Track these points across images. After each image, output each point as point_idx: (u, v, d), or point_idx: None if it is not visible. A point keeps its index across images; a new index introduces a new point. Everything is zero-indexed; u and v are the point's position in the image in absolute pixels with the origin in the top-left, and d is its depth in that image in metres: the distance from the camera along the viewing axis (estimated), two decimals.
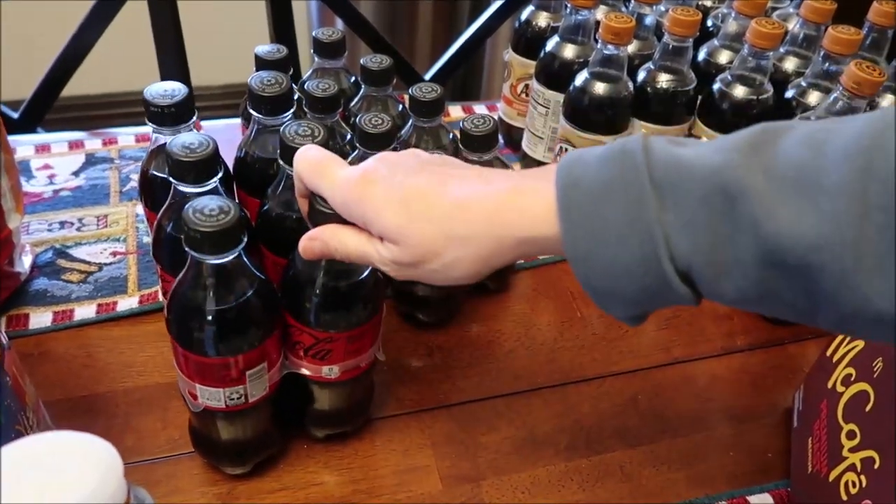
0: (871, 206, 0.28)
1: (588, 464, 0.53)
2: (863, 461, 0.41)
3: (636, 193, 0.31)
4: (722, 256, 0.31)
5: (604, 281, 0.33)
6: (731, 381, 0.60)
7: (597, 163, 0.33)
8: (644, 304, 0.34)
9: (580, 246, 0.32)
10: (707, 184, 0.30)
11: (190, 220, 0.37)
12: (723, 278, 0.31)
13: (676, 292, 0.32)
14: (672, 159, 0.31)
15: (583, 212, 0.32)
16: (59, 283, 0.62)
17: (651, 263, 0.31)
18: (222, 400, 0.43)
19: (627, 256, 0.31)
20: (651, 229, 0.31)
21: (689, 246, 0.31)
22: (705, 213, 0.30)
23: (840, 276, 0.28)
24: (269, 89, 0.48)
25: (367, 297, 0.44)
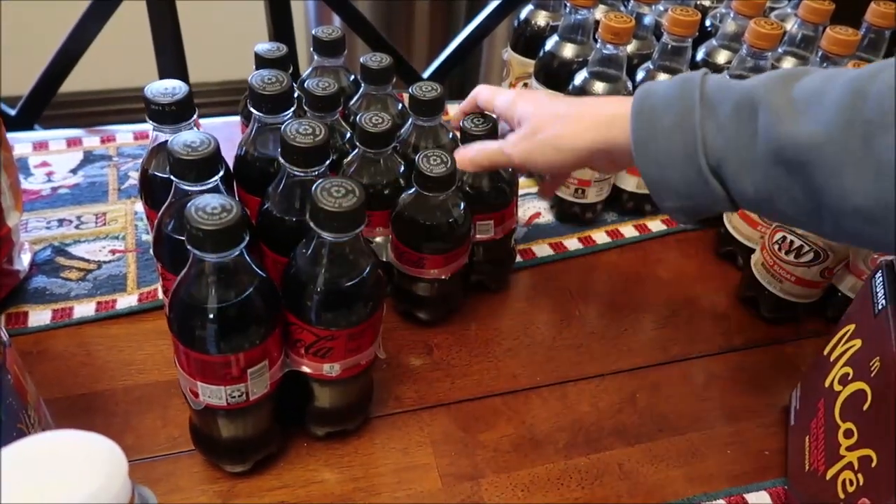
0: (857, 119, 0.36)
1: (587, 462, 0.53)
2: (860, 460, 0.41)
3: (688, 103, 0.41)
4: (744, 154, 0.39)
5: (656, 170, 0.43)
6: (729, 380, 0.60)
7: (665, 84, 0.44)
8: (685, 196, 0.43)
9: (640, 138, 0.43)
10: (740, 98, 0.40)
11: (192, 219, 0.37)
12: (743, 174, 0.40)
13: (710, 185, 0.41)
14: (720, 82, 0.42)
15: (647, 116, 0.43)
16: (59, 280, 0.62)
17: (691, 156, 0.41)
18: (223, 398, 0.43)
19: (674, 149, 0.41)
20: (694, 130, 0.41)
21: (721, 144, 0.40)
22: (735, 119, 0.40)
23: (828, 171, 0.36)
24: (269, 88, 0.48)
25: (368, 294, 0.44)
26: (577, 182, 0.69)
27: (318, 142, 0.44)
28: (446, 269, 0.56)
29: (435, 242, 0.55)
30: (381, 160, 0.55)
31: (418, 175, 0.52)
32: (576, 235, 0.71)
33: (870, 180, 0.35)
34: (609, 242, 0.71)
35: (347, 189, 0.41)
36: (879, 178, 0.35)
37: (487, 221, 0.59)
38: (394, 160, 0.56)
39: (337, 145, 0.56)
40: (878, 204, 0.35)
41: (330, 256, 0.42)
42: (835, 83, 0.37)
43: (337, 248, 0.42)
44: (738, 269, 0.69)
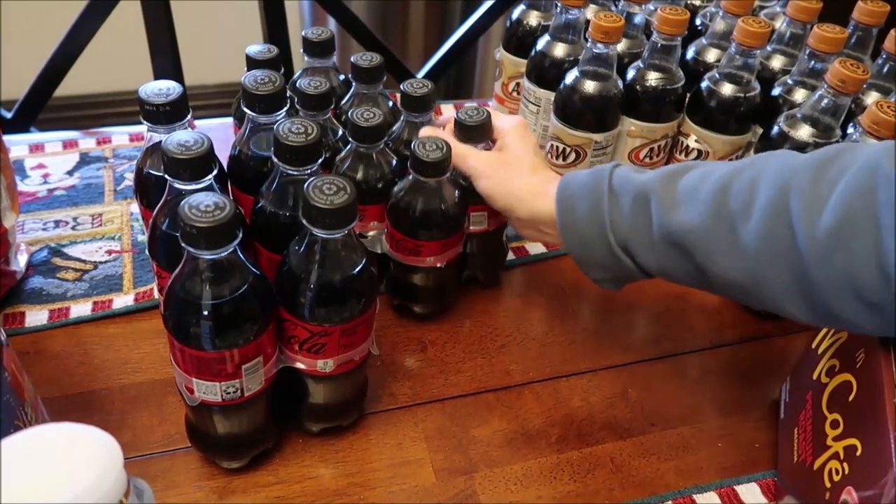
0: (723, 210, 0.43)
1: (579, 455, 0.54)
2: (845, 449, 0.42)
3: (598, 194, 0.49)
4: (643, 236, 0.47)
5: (580, 249, 0.51)
6: (719, 375, 0.61)
7: (581, 175, 0.51)
8: (608, 269, 0.50)
9: (565, 224, 0.51)
10: (637, 191, 0.48)
11: (186, 216, 0.38)
12: (645, 252, 0.48)
13: (623, 261, 0.49)
14: (624, 175, 0.49)
15: (566, 205, 0.51)
16: (55, 281, 0.62)
17: (604, 238, 0.49)
18: (219, 394, 0.44)
19: (590, 231, 0.49)
20: (603, 217, 0.49)
21: (625, 228, 0.48)
22: (633, 208, 0.48)
23: (705, 252, 0.44)
24: (262, 88, 0.49)
25: (360, 291, 0.45)
26: None
27: (311, 141, 0.44)
28: (442, 256, 0.57)
29: (431, 229, 0.55)
30: (374, 155, 0.55)
31: (414, 161, 0.53)
32: None
33: (738, 259, 0.43)
34: None
35: (339, 186, 0.41)
36: (744, 258, 0.43)
37: (481, 213, 0.59)
38: (386, 155, 0.57)
39: (329, 143, 0.57)
40: (748, 279, 0.43)
41: (322, 253, 0.43)
42: (709, 179, 0.45)
43: (329, 244, 0.43)
44: None
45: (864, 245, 0.37)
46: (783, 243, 0.41)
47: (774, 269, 0.42)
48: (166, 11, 0.89)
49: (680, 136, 0.70)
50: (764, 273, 0.42)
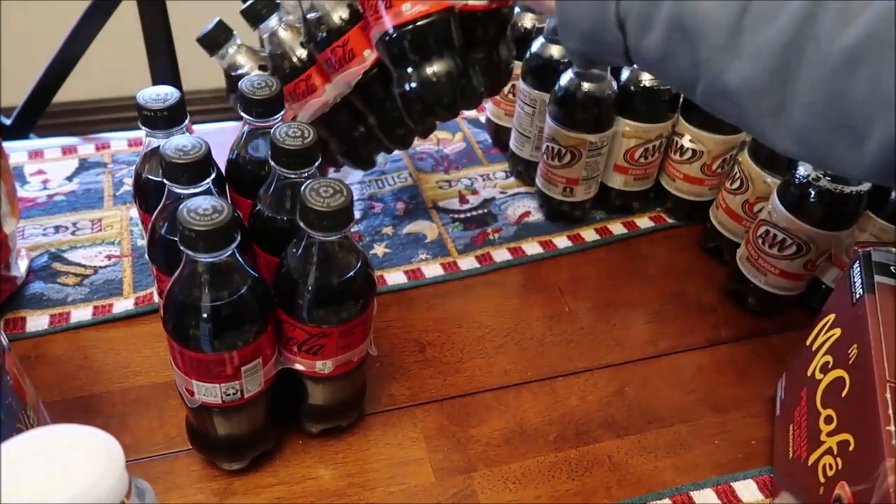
0: (751, 7, 0.39)
1: (577, 454, 0.54)
2: (839, 444, 0.42)
3: None
4: (650, 12, 0.42)
5: (570, 7, 0.45)
6: (716, 372, 0.62)
7: None
8: (591, 42, 0.46)
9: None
10: None
11: (184, 220, 0.38)
12: (644, 30, 0.42)
13: (613, 35, 0.44)
14: None
15: None
16: (55, 286, 0.63)
17: (604, 3, 0.43)
18: (218, 396, 0.44)
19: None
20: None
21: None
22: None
23: (713, 46, 0.40)
24: (259, 92, 0.49)
25: (358, 292, 0.45)
26: (565, 180, 0.71)
27: (307, 144, 0.45)
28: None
29: None
30: None
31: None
32: (565, 233, 0.73)
33: (744, 64, 0.39)
34: (598, 240, 0.73)
35: (335, 189, 0.42)
36: (753, 62, 0.39)
37: None
38: None
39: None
40: (745, 85, 0.40)
41: (320, 255, 0.43)
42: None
43: (326, 246, 0.43)
44: (724, 263, 0.70)
45: (876, 69, 0.35)
46: (802, 51, 0.37)
47: (782, 77, 0.38)
48: (163, 16, 0.90)
49: (674, 135, 0.71)
50: (769, 81, 0.39)
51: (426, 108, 0.54)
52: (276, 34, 0.60)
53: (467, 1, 0.53)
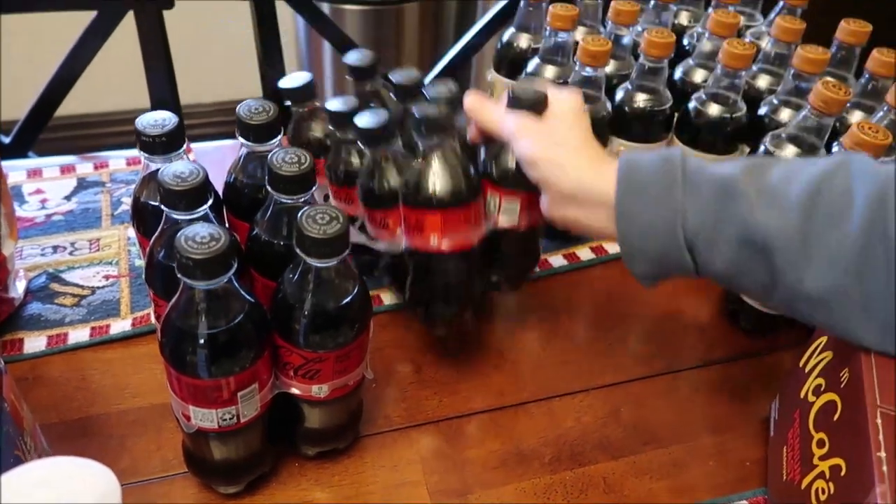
0: (815, 215, 0.42)
1: (572, 476, 0.54)
2: (831, 469, 0.42)
3: (671, 182, 0.45)
4: (716, 234, 0.44)
5: (637, 240, 0.46)
6: (711, 393, 0.62)
7: (647, 158, 0.47)
8: (659, 264, 0.47)
9: (625, 209, 0.46)
10: (717, 184, 0.44)
11: (182, 248, 0.39)
12: (714, 251, 0.44)
13: (683, 257, 0.45)
14: (700, 166, 0.46)
15: (633, 188, 0.46)
16: (53, 307, 0.63)
17: (670, 230, 0.45)
18: (215, 421, 0.45)
19: (657, 221, 0.45)
20: (675, 206, 0.45)
21: (698, 221, 0.44)
22: (712, 203, 0.44)
23: (787, 257, 0.42)
24: (256, 117, 0.50)
25: (354, 317, 0.46)
26: None
27: (304, 170, 0.45)
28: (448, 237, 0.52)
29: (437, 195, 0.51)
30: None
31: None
32: (560, 252, 0.73)
33: (825, 268, 0.41)
34: (593, 259, 0.73)
35: (332, 216, 0.42)
36: (831, 267, 0.41)
37: (513, 201, 0.55)
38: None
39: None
40: (826, 289, 0.42)
41: (316, 281, 0.44)
42: (797, 179, 0.43)
43: (323, 272, 0.43)
44: None
45: None
46: (879, 254, 0.39)
47: (863, 280, 0.40)
48: (161, 31, 0.91)
49: None
50: (850, 285, 0.40)
51: (428, 324, 0.61)
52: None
53: (497, 222, 0.56)
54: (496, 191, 0.55)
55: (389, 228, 0.56)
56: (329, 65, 1.70)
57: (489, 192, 0.55)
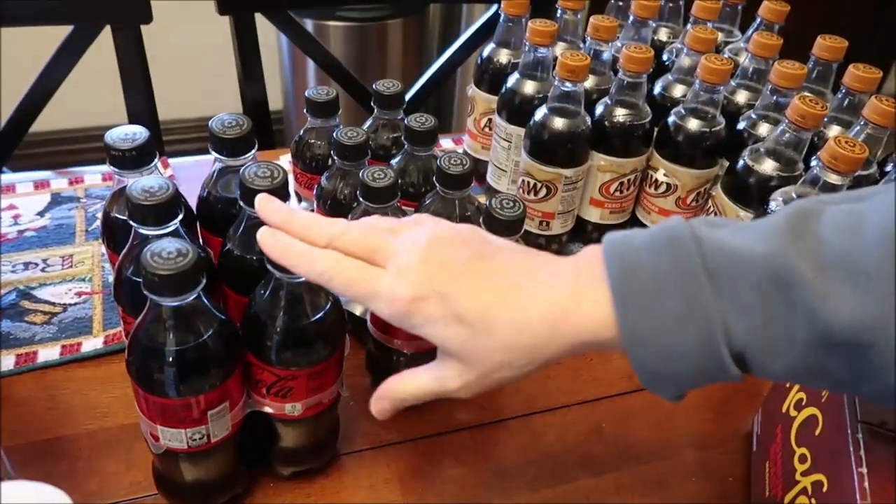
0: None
1: (554, 493, 0.53)
2: (813, 485, 0.42)
3: (692, 283, 0.33)
4: (775, 338, 0.33)
5: (660, 365, 0.34)
6: (693, 408, 0.61)
7: (648, 253, 0.35)
8: (694, 383, 0.35)
9: (639, 335, 0.34)
10: (759, 271, 0.33)
11: (148, 264, 0.38)
12: (775, 357, 0.33)
13: (728, 372, 0.34)
14: (723, 248, 0.34)
15: (640, 303, 0.34)
16: (23, 325, 0.61)
17: (707, 347, 0.33)
18: (184, 441, 0.43)
19: (685, 342, 0.33)
20: (709, 315, 0.33)
21: (745, 329, 0.33)
22: (759, 298, 0.32)
23: (889, 351, 0.31)
24: (230, 131, 0.49)
25: (328, 334, 0.45)
26: (541, 214, 0.71)
27: (276, 185, 0.44)
28: (412, 343, 0.53)
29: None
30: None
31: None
32: None
33: None
34: None
35: None
36: None
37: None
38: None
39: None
40: None
41: (288, 297, 0.43)
42: (864, 237, 0.32)
43: (294, 289, 0.43)
44: None
45: None
46: None
47: None
48: (139, 47, 0.90)
49: (649, 169, 0.71)
50: None
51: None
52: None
53: None
54: None
55: None
56: (312, 80, 1.70)
57: None
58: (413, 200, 0.59)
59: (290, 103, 1.84)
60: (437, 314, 0.37)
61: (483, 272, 0.38)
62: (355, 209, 0.55)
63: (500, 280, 0.37)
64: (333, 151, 0.57)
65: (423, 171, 0.60)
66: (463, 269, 0.37)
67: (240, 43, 0.96)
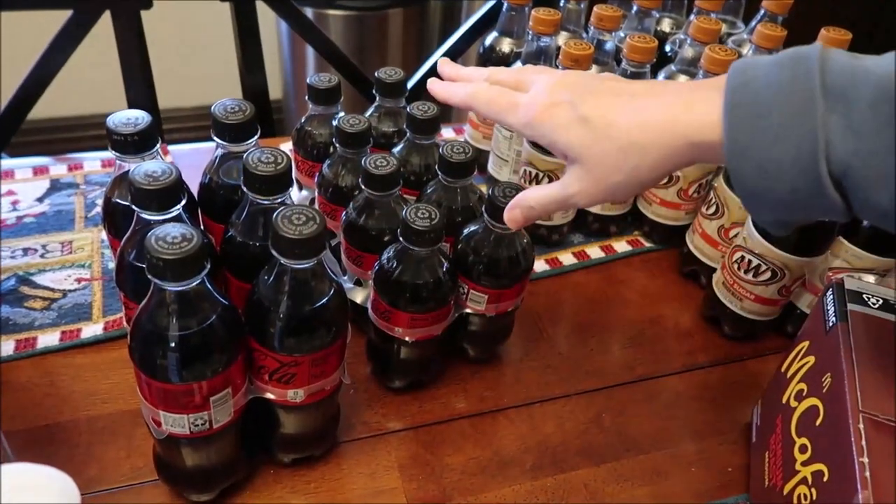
0: None
1: (553, 482, 0.53)
2: (813, 474, 0.42)
3: (805, 95, 0.32)
4: (884, 163, 0.31)
5: (756, 180, 0.34)
6: (693, 398, 0.61)
7: (769, 66, 0.34)
8: (792, 209, 0.34)
9: (739, 141, 0.34)
10: (879, 89, 0.31)
11: (152, 248, 0.37)
12: (880, 186, 0.31)
13: (828, 198, 0.32)
14: (847, 65, 0.32)
15: (747, 111, 0.34)
16: (22, 310, 0.61)
17: (806, 164, 0.32)
18: (186, 426, 0.43)
19: (783, 154, 0.32)
20: (813, 129, 0.31)
21: (850, 150, 0.31)
22: (872, 118, 0.31)
23: None
24: (232, 117, 0.49)
25: (330, 320, 0.45)
26: None
27: (280, 170, 0.44)
28: (413, 331, 0.53)
29: (402, 298, 0.51)
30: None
31: (404, 227, 0.49)
32: (542, 257, 0.72)
33: None
34: (575, 264, 0.73)
35: (308, 216, 0.41)
36: None
37: (480, 294, 0.55)
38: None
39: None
40: None
41: (291, 283, 0.42)
42: None
43: (298, 274, 0.42)
44: (701, 288, 0.70)
45: None
46: None
47: None
48: (139, 34, 0.89)
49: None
50: None
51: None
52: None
53: (466, 306, 0.55)
54: (465, 282, 0.55)
55: (363, 267, 0.57)
56: (312, 69, 1.70)
57: (460, 279, 0.55)
58: (415, 189, 0.59)
59: (289, 93, 1.83)
60: (566, 118, 0.40)
61: (610, 90, 0.41)
62: (357, 197, 0.55)
63: (625, 94, 0.40)
64: (335, 139, 0.57)
65: (424, 159, 0.60)
66: (593, 87, 0.41)
67: (240, 30, 0.95)
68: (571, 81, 0.42)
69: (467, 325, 0.58)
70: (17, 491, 0.28)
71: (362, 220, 0.54)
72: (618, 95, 0.40)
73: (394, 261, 0.51)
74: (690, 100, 0.37)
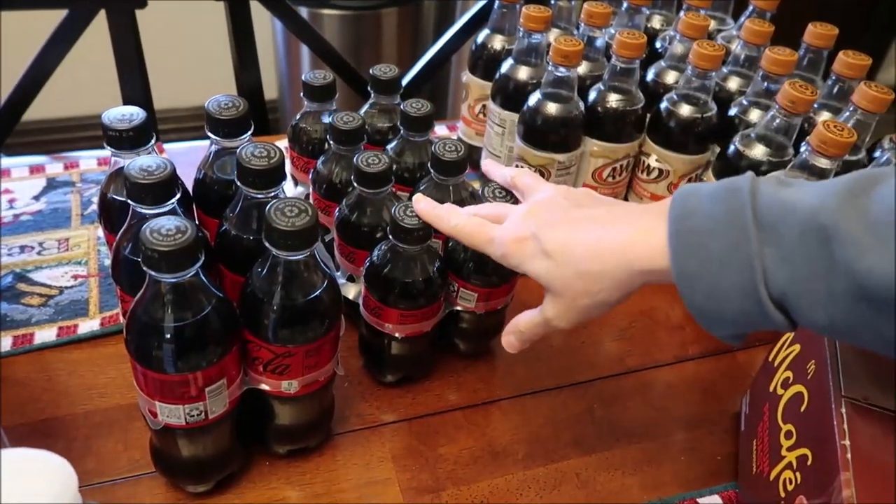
0: None
1: (545, 472, 0.54)
2: (798, 459, 0.43)
3: (740, 228, 0.36)
4: (815, 288, 0.34)
5: (706, 302, 0.37)
6: (683, 389, 0.62)
7: (707, 199, 0.38)
8: (742, 325, 0.38)
9: (686, 270, 0.37)
10: (804, 224, 0.34)
11: (147, 240, 0.38)
12: (816, 308, 0.35)
13: (771, 318, 0.36)
14: (775, 200, 0.36)
15: (691, 241, 0.37)
16: (20, 307, 0.62)
17: (749, 290, 0.36)
18: (182, 417, 0.44)
19: (728, 282, 0.36)
20: (751, 260, 0.35)
21: (785, 277, 0.35)
22: (802, 249, 0.34)
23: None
24: (225, 112, 0.49)
25: (324, 312, 0.45)
26: None
27: (273, 164, 0.45)
28: (403, 328, 0.54)
29: (391, 294, 0.52)
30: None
31: (393, 225, 0.50)
32: None
33: None
34: None
35: (301, 209, 0.42)
36: None
37: (470, 293, 0.56)
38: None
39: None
40: None
41: (285, 274, 0.43)
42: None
43: (291, 266, 0.43)
44: None
45: None
46: None
47: None
48: (134, 34, 0.90)
49: (641, 155, 0.72)
50: None
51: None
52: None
53: (456, 304, 0.57)
54: (455, 279, 0.56)
55: (356, 264, 0.57)
56: (307, 69, 1.70)
57: (450, 276, 0.55)
58: (408, 185, 0.60)
59: (284, 92, 1.84)
60: (532, 250, 0.44)
61: (573, 218, 0.44)
62: (349, 194, 0.56)
63: (585, 222, 0.44)
64: (329, 136, 0.57)
65: (418, 156, 0.61)
66: (558, 217, 0.45)
67: (235, 29, 0.96)
68: (538, 211, 0.46)
69: (458, 321, 0.59)
70: (16, 475, 0.28)
71: (355, 217, 0.55)
72: (577, 224, 0.44)
73: (384, 258, 0.52)
74: (640, 228, 0.41)
